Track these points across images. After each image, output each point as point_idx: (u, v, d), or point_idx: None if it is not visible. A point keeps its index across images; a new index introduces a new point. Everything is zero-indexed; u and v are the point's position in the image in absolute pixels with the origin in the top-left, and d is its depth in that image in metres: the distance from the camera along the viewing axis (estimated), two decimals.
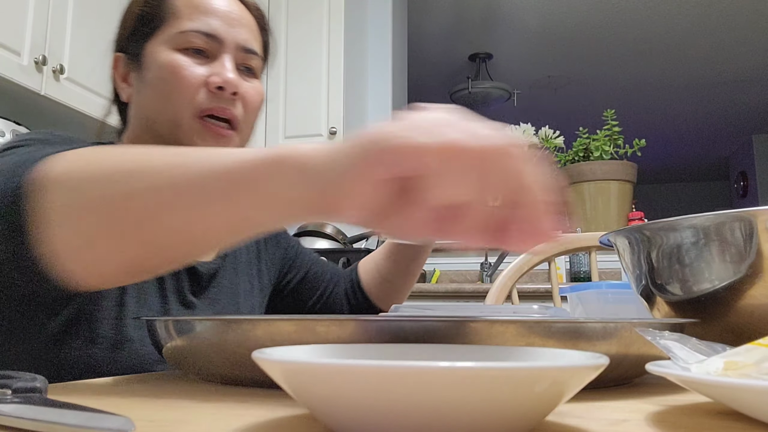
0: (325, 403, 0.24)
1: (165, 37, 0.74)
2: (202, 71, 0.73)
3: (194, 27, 0.73)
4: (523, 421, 0.24)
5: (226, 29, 0.75)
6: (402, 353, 0.33)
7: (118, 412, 0.28)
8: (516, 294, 1.37)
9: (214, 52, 0.75)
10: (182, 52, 0.73)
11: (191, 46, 0.73)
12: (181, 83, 0.72)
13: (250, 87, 0.77)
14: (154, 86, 0.73)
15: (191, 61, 0.73)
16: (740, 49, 4.32)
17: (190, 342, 0.41)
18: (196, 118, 0.72)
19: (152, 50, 0.74)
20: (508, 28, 4.19)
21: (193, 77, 0.72)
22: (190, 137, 0.72)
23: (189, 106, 0.72)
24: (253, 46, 0.78)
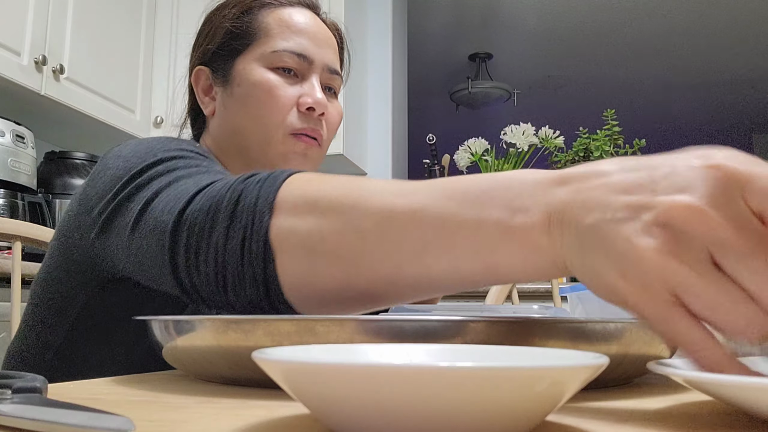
0: (325, 403, 0.24)
1: (256, 54, 0.75)
2: (293, 91, 0.75)
3: (287, 47, 0.75)
4: (523, 421, 0.24)
5: (316, 50, 0.77)
6: (402, 353, 0.33)
7: (118, 412, 0.28)
8: (516, 294, 1.37)
9: (304, 71, 0.77)
10: (274, 71, 0.75)
11: (283, 65, 0.75)
12: (275, 103, 0.74)
13: (332, 107, 0.80)
14: (246, 104, 0.75)
15: (283, 81, 0.75)
16: (740, 49, 4.32)
17: (190, 342, 0.41)
18: (289, 136, 0.75)
19: (243, 67, 0.75)
20: (508, 28, 4.18)
21: (287, 98, 0.74)
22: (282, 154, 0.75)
23: (281, 125, 0.74)
24: (337, 66, 0.81)
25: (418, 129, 5.50)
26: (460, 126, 5.68)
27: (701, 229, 0.27)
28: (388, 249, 0.40)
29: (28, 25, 1.94)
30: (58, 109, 2.12)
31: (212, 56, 0.78)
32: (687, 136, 6.01)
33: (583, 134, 2.73)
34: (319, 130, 0.77)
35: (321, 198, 0.43)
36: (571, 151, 2.72)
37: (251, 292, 0.45)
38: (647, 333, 0.40)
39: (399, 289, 0.42)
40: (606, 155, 2.64)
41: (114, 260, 0.57)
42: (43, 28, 1.99)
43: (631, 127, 5.61)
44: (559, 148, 2.81)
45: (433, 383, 0.22)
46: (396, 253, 0.39)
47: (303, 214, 0.43)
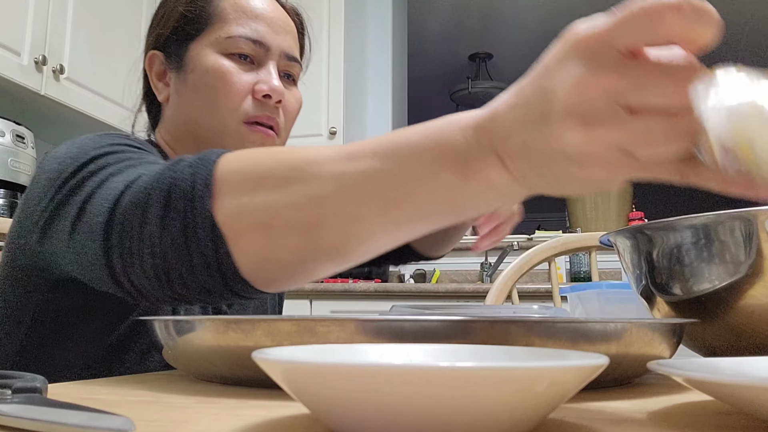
0: (325, 403, 0.24)
1: (210, 40, 0.73)
2: (248, 78, 0.73)
3: (243, 33, 0.73)
4: (523, 421, 0.24)
5: (273, 36, 0.75)
6: (402, 353, 0.33)
7: (118, 412, 0.28)
8: (516, 294, 1.37)
9: (260, 58, 0.74)
10: (229, 58, 0.73)
11: (238, 51, 0.73)
12: (229, 90, 0.71)
13: (290, 95, 0.77)
14: (199, 90, 0.72)
15: (238, 68, 0.73)
16: (739, 49, 4.32)
17: (190, 342, 0.41)
18: (243, 124, 0.72)
19: (197, 52, 0.73)
20: (508, 28, 4.19)
21: (241, 84, 0.72)
22: (237, 142, 0.72)
23: (235, 112, 0.72)
24: (295, 53, 0.79)
25: None
26: None
27: (598, 94, 0.31)
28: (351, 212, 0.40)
29: (28, 25, 1.94)
30: (58, 109, 2.12)
31: (166, 41, 0.76)
32: None
33: None
34: (275, 118, 0.74)
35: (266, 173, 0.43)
36: None
37: (204, 279, 0.44)
38: (647, 333, 0.40)
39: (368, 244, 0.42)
40: None
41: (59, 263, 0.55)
42: (43, 28, 1.99)
43: None
44: None
45: (433, 383, 0.22)
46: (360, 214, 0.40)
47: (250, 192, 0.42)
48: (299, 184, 0.41)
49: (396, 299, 2.30)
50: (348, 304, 2.32)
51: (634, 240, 0.54)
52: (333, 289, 2.31)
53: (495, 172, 0.36)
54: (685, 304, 0.50)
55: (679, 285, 0.50)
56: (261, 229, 0.42)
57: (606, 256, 2.52)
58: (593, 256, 1.36)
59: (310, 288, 2.32)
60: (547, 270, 2.67)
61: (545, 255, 1.32)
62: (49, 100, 2.03)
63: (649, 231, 0.52)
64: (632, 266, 0.56)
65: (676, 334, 0.44)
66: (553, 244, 1.32)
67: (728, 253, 0.46)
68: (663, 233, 0.50)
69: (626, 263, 0.57)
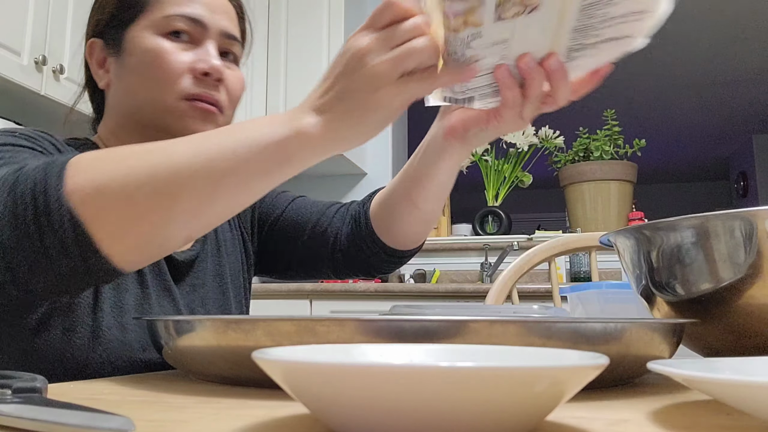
0: (325, 403, 0.24)
1: (147, 22, 0.73)
2: (187, 57, 0.72)
3: (179, 11, 0.73)
4: (523, 421, 0.24)
5: (210, 15, 0.74)
6: (402, 353, 0.33)
7: (118, 412, 0.28)
8: (516, 294, 1.37)
9: (198, 37, 0.74)
10: (166, 38, 0.72)
11: (175, 29, 0.72)
12: (167, 69, 0.71)
13: (232, 74, 0.76)
14: (138, 72, 0.72)
15: (176, 46, 0.72)
16: (740, 48, 4.32)
17: (190, 342, 0.41)
18: (183, 100, 0.72)
19: (134, 35, 0.73)
20: None
21: (179, 63, 0.72)
22: (179, 119, 0.72)
23: (174, 90, 0.71)
24: (234, 32, 0.78)
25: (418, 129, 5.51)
26: None
27: None
28: (205, 174, 0.48)
29: (28, 25, 1.94)
30: (57, 109, 2.12)
31: (104, 27, 0.76)
32: (687, 136, 6.02)
33: (583, 134, 2.73)
34: (215, 96, 0.73)
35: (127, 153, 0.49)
36: (571, 151, 2.73)
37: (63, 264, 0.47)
38: (647, 333, 0.40)
39: (221, 202, 0.50)
40: (606, 155, 2.64)
41: None
42: (43, 28, 1.99)
43: (631, 127, 5.62)
44: (559, 148, 2.81)
45: (433, 383, 0.22)
46: (212, 175, 0.48)
47: (111, 169, 0.47)
48: (158, 156, 0.48)
49: (396, 299, 2.30)
50: (348, 304, 2.32)
51: (634, 240, 0.54)
52: (333, 289, 2.31)
53: (315, 128, 0.49)
54: (685, 304, 0.50)
55: (679, 285, 0.50)
56: (124, 201, 0.47)
57: (606, 256, 2.52)
58: (593, 256, 1.36)
59: (310, 288, 2.32)
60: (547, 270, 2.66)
61: (545, 255, 1.32)
62: (49, 100, 2.03)
63: (649, 231, 0.52)
64: (632, 266, 0.56)
65: (676, 334, 0.44)
66: (553, 244, 1.32)
67: (728, 253, 0.46)
68: (663, 233, 0.50)
69: (626, 263, 0.57)
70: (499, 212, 2.80)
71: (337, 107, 0.49)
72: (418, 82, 0.49)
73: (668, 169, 6.89)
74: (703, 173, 7.05)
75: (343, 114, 0.49)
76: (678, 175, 7.09)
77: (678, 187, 7.35)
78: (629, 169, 2.62)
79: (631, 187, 2.66)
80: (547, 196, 7.04)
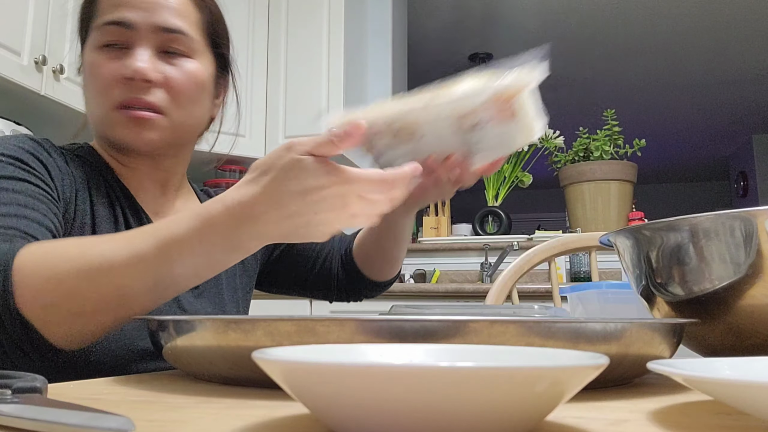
0: (325, 403, 0.24)
1: (91, 38, 0.74)
2: (114, 66, 0.72)
3: (105, 19, 0.72)
4: (523, 421, 0.24)
5: (139, 14, 0.72)
6: (402, 353, 0.33)
7: (118, 412, 0.28)
8: (516, 294, 1.37)
9: (129, 41, 0.73)
10: (100, 50, 0.73)
11: (105, 41, 0.73)
12: (97, 81, 0.72)
13: (173, 69, 0.74)
14: (84, 88, 0.76)
15: (106, 57, 0.72)
16: (740, 48, 4.32)
17: (190, 342, 0.41)
18: (115, 110, 0.72)
19: (86, 54, 0.75)
20: (508, 28, 4.19)
21: (108, 73, 0.72)
22: (114, 129, 0.73)
23: (107, 101, 0.72)
24: (174, 24, 0.74)
25: None
26: None
27: None
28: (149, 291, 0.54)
29: (28, 25, 1.94)
30: (57, 109, 2.12)
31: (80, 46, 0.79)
32: (687, 136, 6.02)
33: (583, 134, 2.73)
34: (144, 99, 0.72)
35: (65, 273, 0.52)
36: (571, 151, 2.73)
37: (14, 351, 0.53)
38: (647, 333, 0.40)
39: (159, 304, 0.56)
40: (606, 155, 2.64)
41: None
42: (43, 28, 1.99)
43: (631, 127, 5.61)
44: (559, 148, 2.81)
45: (433, 383, 0.22)
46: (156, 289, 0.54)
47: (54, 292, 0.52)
48: (102, 276, 0.52)
49: (396, 299, 2.30)
50: (348, 304, 2.32)
51: (634, 240, 0.54)
52: None
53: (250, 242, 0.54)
54: (685, 304, 0.50)
55: (679, 285, 0.50)
56: (73, 316, 0.53)
57: (606, 256, 2.52)
58: (593, 256, 1.36)
59: None
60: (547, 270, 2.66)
61: (545, 255, 1.32)
62: (49, 100, 2.03)
63: (649, 231, 0.52)
64: (632, 266, 0.56)
65: (676, 334, 0.44)
66: (553, 244, 1.32)
67: (728, 253, 0.46)
68: (663, 233, 0.50)
69: (626, 263, 0.57)
70: (499, 212, 2.80)
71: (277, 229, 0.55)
72: None
73: (668, 169, 6.89)
74: (703, 173, 7.05)
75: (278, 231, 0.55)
76: (678, 175, 7.09)
77: (678, 187, 7.34)
78: (629, 169, 2.62)
79: (631, 187, 2.66)
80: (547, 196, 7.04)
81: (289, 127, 2.79)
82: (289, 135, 2.78)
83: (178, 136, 0.77)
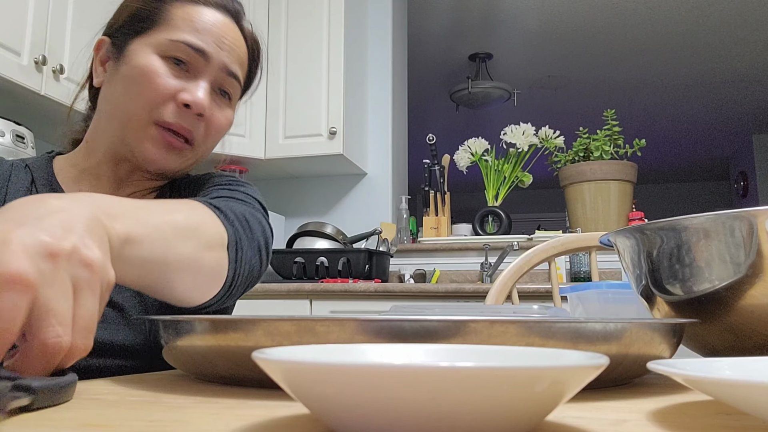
0: (325, 403, 0.24)
1: (153, 40, 0.74)
2: (175, 84, 0.73)
3: (186, 39, 0.73)
4: (523, 421, 0.24)
5: (215, 49, 0.75)
6: (402, 353, 0.33)
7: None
8: (516, 294, 1.37)
9: (197, 69, 0.75)
10: (164, 60, 0.73)
11: (176, 56, 0.73)
12: (151, 88, 0.72)
13: (220, 113, 0.77)
14: (125, 83, 0.73)
15: (169, 71, 0.73)
16: (740, 48, 4.32)
17: (190, 342, 0.41)
18: (154, 125, 0.72)
19: (136, 48, 0.74)
20: (508, 28, 4.19)
21: (165, 87, 0.72)
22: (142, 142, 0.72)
23: (151, 112, 0.72)
24: (236, 70, 0.78)
25: (418, 129, 5.50)
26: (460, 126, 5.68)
27: None
28: None
29: (28, 25, 1.94)
30: (57, 109, 2.12)
31: (116, 30, 0.78)
32: (687, 136, 6.02)
33: (583, 134, 2.73)
34: (191, 131, 0.74)
35: None
36: (571, 151, 2.73)
37: None
38: (647, 333, 0.40)
39: None
40: (606, 155, 2.64)
41: None
42: (43, 28, 1.99)
43: (631, 127, 5.62)
44: (559, 148, 2.81)
45: (433, 383, 0.22)
46: None
47: None
48: None
49: (396, 299, 2.30)
50: (348, 304, 2.32)
51: (634, 240, 0.54)
52: (333, 289, 2.31)
53: None
54: (685, 304, 0.50)
55: (679, 285, 0.50)
56: None
57: (606, 256, 2.52)
58: (593, 256, 1.36)
59: (310, 288, 2.32)
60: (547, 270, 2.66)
61: (545, 255, 1.32)
62: (49, 99, 2.03)
63: (649, 231, 0.52)
64: (632, 266, 0.56)
65: (676, 334, 0.44)
66: (553, 244, 1.32)
67: (728, 253, 0.46)
68: (663, 233, 0.50)
69: (626, 263, 0.57)
70: (499, 212, 2.80)
71: None
72: None
73: (668, 169, 6.89)
74: (703, 173, 7.05)
75: None
76: (678, 175, 7.09)
77: (678, 187, 7.34)
78: (629, 169, 2.62)
79: (631, 187, 2.66)
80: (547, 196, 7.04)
81: (289, 127, 2.79)
82: (288, 135, 2.78)
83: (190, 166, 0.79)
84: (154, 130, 0.72)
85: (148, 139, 0.73)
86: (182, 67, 0.74)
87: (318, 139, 2.73)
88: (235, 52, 0.78)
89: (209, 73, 0.75)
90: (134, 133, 0.73)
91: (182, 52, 0.73)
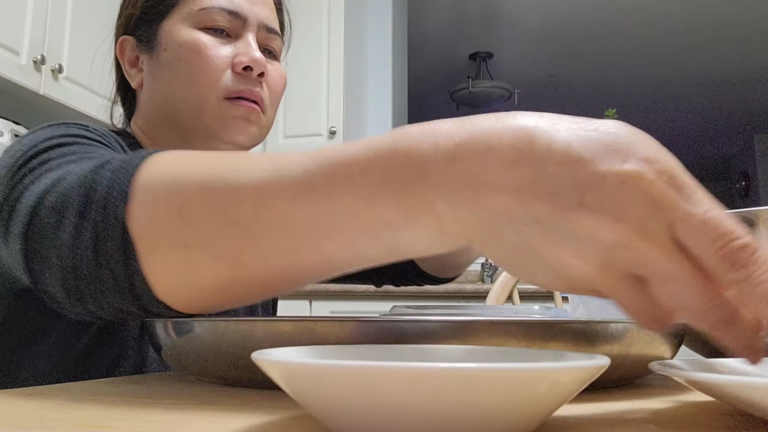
0: (324, 404, 0.24)
1: (183, 15, 0.69)
2: (227, 51, 0.68)
3: (217, 4, 0.69)
4: (523, 423, 0.24)
5: (249, 7, 0.71)
6: (402, 354, 0.33)
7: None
8: (517, 294, 1.37)
9: (237, 31, 0.70)
10: (204, 31, 0.68)
11: (213, 24, 0.69)
12: (206, 65, 0.67)
13: (273, 69, 0.73)
14: (174, 68, 0.68)
15: (215, 40, 0.68)
16: (741, 48, 4.32)
17: (189, 343, 0.41)
18: (224, 100, 0.68)
19: (169, 28, 0.69)
20: (508, 27, 4.19)
21: (219, 58, 0.67)
22: (221, 122, 0.68)
23: (215, 88, 0.67)
24: (275, 26, 0.74)
25: None
26: None
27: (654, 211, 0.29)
28: (275, 241, 0.35)
29: (27, 25, 1.94)
30: (56, 108, 2.12)
31: (136, 23, 0.71)
32: (688, 136, 6.02)
33: None
34: (259, 93, 0.69)
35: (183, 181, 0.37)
36: None
37: (114, 299, 0.39)
38: (649, 334, 0.40)
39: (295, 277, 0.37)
40: None
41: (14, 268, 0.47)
42: (42, 28, 1.99)
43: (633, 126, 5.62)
44: None
45: (434, 384, 0.22)
46: (287, 245, 0.35)
47: (166, 203, 0.37)
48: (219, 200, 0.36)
49: (396, 300, 2.30)
50: (348, 305, 2.32)
51: None
52: (333, 289, 2.31)
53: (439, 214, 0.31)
54: None
55: None
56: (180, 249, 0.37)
57: None
58: None
59: (310, 288, 2.32)
60: None
61: None
62: (48, 99, 2.03)
63: None
64: None
65: (677, 334, 0.44)
66: None
67: None
68: None
69: None
70: None
71: None
72: None
73: None
74: (704, 173, 7.05)
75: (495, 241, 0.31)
76: None
77: None
78: None
79: None
80: None
81: (289, 127, 2.79)
82: (288, 135, 2.78)
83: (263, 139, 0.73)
84: (226, 104, 0.67)
85: (226, 116, 0.67)
86: (222, 34, 0.69)
87: (318, 138, 2.73)
88: (266, 4, 0.74)
89: (251, 32, 0.71)
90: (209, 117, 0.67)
91: (217, 16, 0.68)
